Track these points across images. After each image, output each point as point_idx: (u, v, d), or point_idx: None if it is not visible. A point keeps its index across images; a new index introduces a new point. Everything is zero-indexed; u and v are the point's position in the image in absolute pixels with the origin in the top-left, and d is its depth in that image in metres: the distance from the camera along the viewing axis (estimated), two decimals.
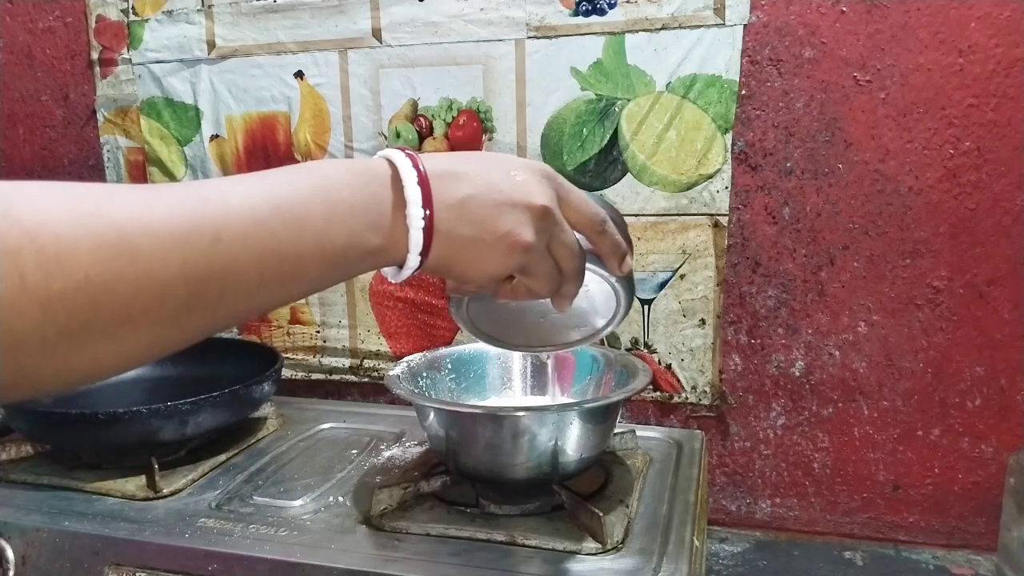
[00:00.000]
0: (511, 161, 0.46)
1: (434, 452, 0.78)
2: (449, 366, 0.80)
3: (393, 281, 0.45)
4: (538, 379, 0.82)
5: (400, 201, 0.41)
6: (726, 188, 0.86)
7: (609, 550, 0.60)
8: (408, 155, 0.42)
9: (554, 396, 0.81)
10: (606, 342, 0.93)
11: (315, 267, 0.38)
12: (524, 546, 0.62)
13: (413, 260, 0.42)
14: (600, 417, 0.67)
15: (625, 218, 0.88)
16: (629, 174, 0.89)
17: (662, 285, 0.90)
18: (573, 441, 0.65)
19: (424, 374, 0.77)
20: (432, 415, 0.68)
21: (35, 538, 0.65)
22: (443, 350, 0.81)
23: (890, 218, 0.83)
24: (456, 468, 0.69)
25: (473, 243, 0.43)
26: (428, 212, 0.41)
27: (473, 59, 0.91)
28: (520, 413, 0.64)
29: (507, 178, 0.44)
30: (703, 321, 0.90)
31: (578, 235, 0.48)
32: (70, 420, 0.72)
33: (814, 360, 0.88)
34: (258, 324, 1.07)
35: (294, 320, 1.05)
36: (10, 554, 0.65)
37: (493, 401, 0.80)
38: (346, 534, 0.64)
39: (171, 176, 1.05)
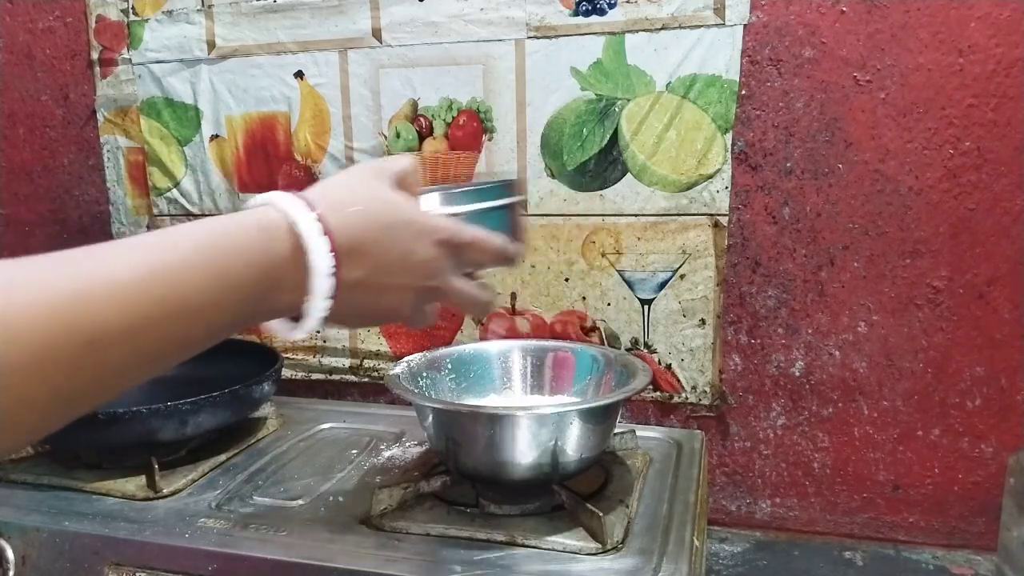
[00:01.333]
0: (405, 237, 0.45)
1: (434, 452, 0.78)
2: (449, 366, 0.80)
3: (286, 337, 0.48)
4: (538, 379, 0.83)
5: (303, 287, 0.41)
6: (726, 188, 0.86)
7: (609, 550, 0.60)
8: (325, 234, 0.40)
9: (554, 396, 0.81)
10: (606, 342, 0.93)
11: (202, 344, 0.38)
12: (524, 546, 0.62)
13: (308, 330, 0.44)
14: (600, 417, 0.67)
15: (625, 218, 0.90)
16: (629, 174, 0.88)
17: (662, 285, 0.90)
18: (573, 441, 0.65)
19: (424, 374, 0.77)
20: (432, 415, 0.68)
21: (35, 538, 0.65)
22: (443, 350, 0.81)
23: (890, 218, 0.83)
24: (456, 468, 0.69)
25: (359, 319, 0.48)
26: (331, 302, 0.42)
27: (473, 59, 0.91)
28: (520, 413, 0.64)
29: (401, 259, 0.45)
30: (703, 321, 0.90)
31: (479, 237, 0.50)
32: None
33: (814, 360, 0.88)
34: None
35: None
36: (10, 554, 0.65)
37: (493, 401, 0.80)
38: (346, 534, 0.64)
39: (171, 176, 1.05)
